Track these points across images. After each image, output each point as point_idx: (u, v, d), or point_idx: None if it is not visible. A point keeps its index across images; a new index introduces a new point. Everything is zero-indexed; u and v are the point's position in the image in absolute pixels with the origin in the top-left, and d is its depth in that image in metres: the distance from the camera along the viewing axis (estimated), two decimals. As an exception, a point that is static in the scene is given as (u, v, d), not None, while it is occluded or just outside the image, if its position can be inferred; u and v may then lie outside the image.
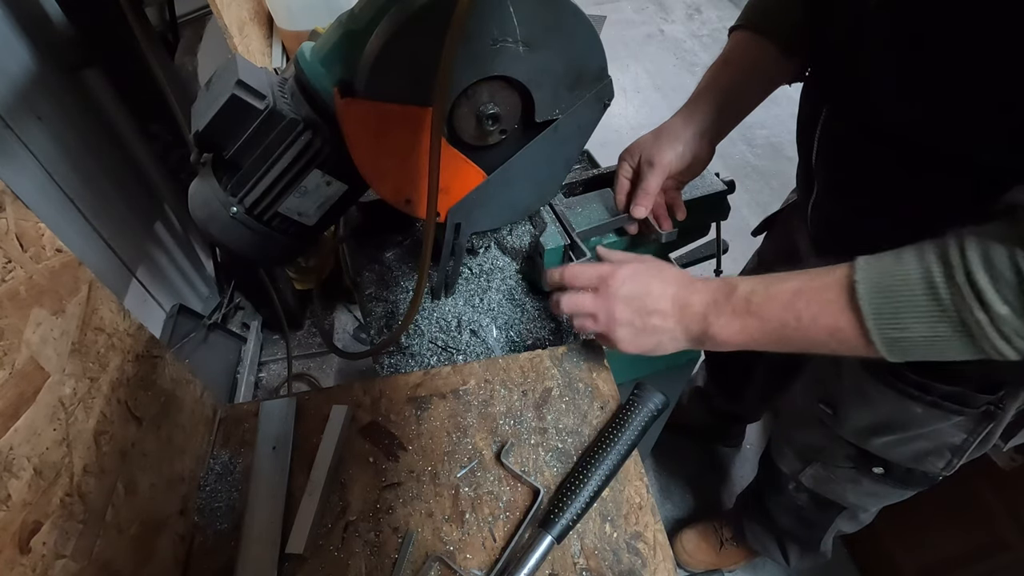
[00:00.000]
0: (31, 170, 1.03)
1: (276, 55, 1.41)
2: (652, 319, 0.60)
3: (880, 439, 0.78)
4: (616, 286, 0.62)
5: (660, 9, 3.50)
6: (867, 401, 0.75)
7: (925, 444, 0.75)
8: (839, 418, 0.81)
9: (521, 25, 0.58)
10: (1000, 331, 0.41)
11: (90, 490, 0.48)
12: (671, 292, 0.60)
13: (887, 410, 0.74)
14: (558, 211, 0.84)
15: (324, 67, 0.63)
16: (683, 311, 0.59)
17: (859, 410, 0.78)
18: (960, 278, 0.42)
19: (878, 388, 0.73)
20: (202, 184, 0.67)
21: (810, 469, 0.93)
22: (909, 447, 0.76)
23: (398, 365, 0.82)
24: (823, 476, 0.92)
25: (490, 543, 0.61)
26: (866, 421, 0.78)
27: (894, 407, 0.72)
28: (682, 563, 1.44)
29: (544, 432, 0.69)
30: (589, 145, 0.82)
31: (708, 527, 1.44)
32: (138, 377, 0.57)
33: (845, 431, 0.82)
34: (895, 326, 0.45)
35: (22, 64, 1.03)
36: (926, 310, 0.44)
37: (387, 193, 0.69)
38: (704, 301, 0.58)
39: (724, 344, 0.58)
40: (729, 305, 0.56)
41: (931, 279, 0.43)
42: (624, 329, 0.62)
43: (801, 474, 0.95)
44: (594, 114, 0.71)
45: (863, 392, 0.75)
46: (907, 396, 0.70)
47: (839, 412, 0.81)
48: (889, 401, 0.72)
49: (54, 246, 0.48)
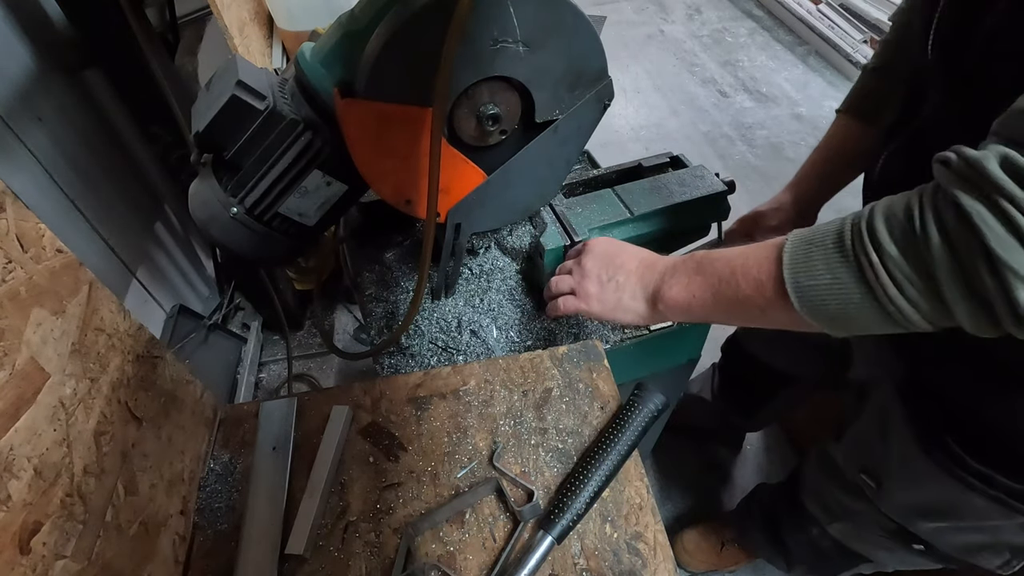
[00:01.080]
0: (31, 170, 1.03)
1: (276, 55, 1.41)
2: (618, 274, 0.66)
3: (929, 523, 0.71)
4: (592, 246, 0.71)
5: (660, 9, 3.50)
6: (916, 481, 0.69)
7: (981, 537, 0.68)
8: (883, 492, 0.75)
9: (521, 25, 0.58)
10: (890, 273, 0.42)
11: (90, 490, 0.48)
12: (641, 255, 0.67)
13: (939, 494, 0.67)
14: (558, 211, 0.84)
15: (324, 67, 0.63)
16: (646, 270, 0.65)
17: (907, 489, 0.71)
18: (863, 225, 0.44)
19: (930, 469, 0.66)
20: (202, 184, 0.67)
21: (839, 525, 0.88)
22: (962, 537, 0.70)
23: (398, 365, 0.82)
24: (854, 534, 0.87)
25: (490, 543, 0.61)
26: (914, 501, 0.71)
27: (948, 493, 0.66)
28: (682, 563, 1.44)
29: (544, 432, 0.69)
30: (589, 145, 0.82)
31: (709, 527, 1.44)
32: (138, 377, 0.57)
33: (888, 507, 0.75)
34: (805, 272, 0.47)
35: (22, 64, 1.03)
36: (832, 254, 0.45)
37: (387, 193, 0.69)
38: (667, 264, 0.63)
39: (671, 305, 0.60)
40: (684, 267, 0.60)
41: (841, 229, 0.46)
42: (592, 283, 0.68)
43: (829, 526, 0.90)
44: (594, 114, 0.71)
45: (913, 470, 0.68)
46: (966, 485, 0.63)
47: (884, 486, 0.74)
48: (943, 486, 0.66)
49: (54, 246, 0.48)
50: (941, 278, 0.39)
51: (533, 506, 0.61)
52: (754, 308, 0.52)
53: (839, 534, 0.90)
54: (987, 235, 0.36)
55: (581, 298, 0.69)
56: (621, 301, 0.66)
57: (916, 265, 0.40)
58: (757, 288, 0.51)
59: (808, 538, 0.99)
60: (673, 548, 1.23)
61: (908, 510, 0.74)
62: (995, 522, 0.65)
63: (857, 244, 0.44)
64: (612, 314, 0.67)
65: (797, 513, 0.99)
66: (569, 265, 0.73)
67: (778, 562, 1.19)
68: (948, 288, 0.39)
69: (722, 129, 2.65)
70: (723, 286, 0.55)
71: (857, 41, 2.89)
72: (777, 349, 1.12)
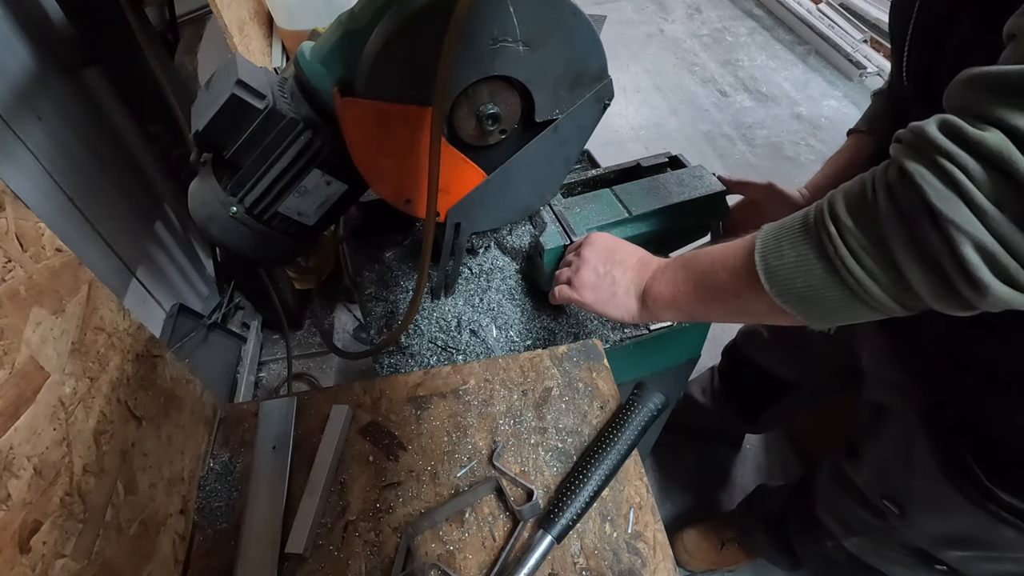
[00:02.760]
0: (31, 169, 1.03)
1: (276, 55, 1.41)
2: (615, 269, 0.67)
3: (956, 552, 0.70)
4: (593, 239, 0.72)
5: (660, 9, 3.50)
6: (943, 511, 0.67)
7: (1011, 567, 0.66)
8: (907, 519, 0.73)
9: (521, 25, 0.58)
10: (847, 243, 0.42)
11: (90, 490, 0.48)
12: (639, 254, 0.69)
13: (968, 525, 0.65)
14: (557, 211, 0.84)
15: (324, 67, 0.63)
16: (642, 267, 0.67)
17: (933, 518, 0.69)
18: (824, 204, 0.45)
19: (958, 500, 0.63)
20: (202, 184, 0.67)
21: (857, 539, 0.86)
22: (991, 566, 0.68)
23: (398, 365, 0.82)
24: (872, 551, 0.85)
25: (490, 543, 0.61)
26: (940, 531, 0.69)
27: (978, 524, 0.63)
28: (682, 563, 1.44)
29: (544, 432, 0.69)
30: (589, 145, 0.82)
31: (709, 527, 1.44)
32: (138, 377, 0.57)
33: (912, 534, 0.74)
34: (774, 253, 0.48)
35: (22, 64, 1.03)
36: (797, 234, 0.47)
37: (387, 193, 0.69)
38: (659, 262, 0.65)
39: (657, 300, 0.62)
40: (673, 264, 0.63)
41: (807, 211, 0.47)
42: (589, 273, 0.69)
43: (846, 540, 0.88)
44: (594, 114, 0.71)
45: (938, 501, 0.66)
46: (997, 518, 0.61)
47: (908, 513, 0.72)
48: (972, 517, 0.63)
49: (54, 246, 0.48)
50: (892, 244, 0.40)
51: (533, 505, 0.61)
52: (730, 295, 0.54)
53: (856, 548, 0.88)
54: (928, 192, 0.37)
55: (576, 288, 0.70)
56: (615, 296, 0.67)
57: (868, 233, 0.41)
58: (733, 274, 0.53)
59: (821, 550, 0.97)
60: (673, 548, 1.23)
61: (934, 539, 0.72)
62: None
63: (818, 220, 0.45)
64: (604, 307, 0.68)
65: (809, 524, 0.97)
66: (570, 257, 0.75)
67: (781, 563, 1.19)
68: (899, 252, 0.40)
69: (722, 129, 2.65)
70: (703, 277, 0.57)
71: (857, 41, 2.89)
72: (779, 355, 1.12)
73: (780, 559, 1.18)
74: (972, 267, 0.36)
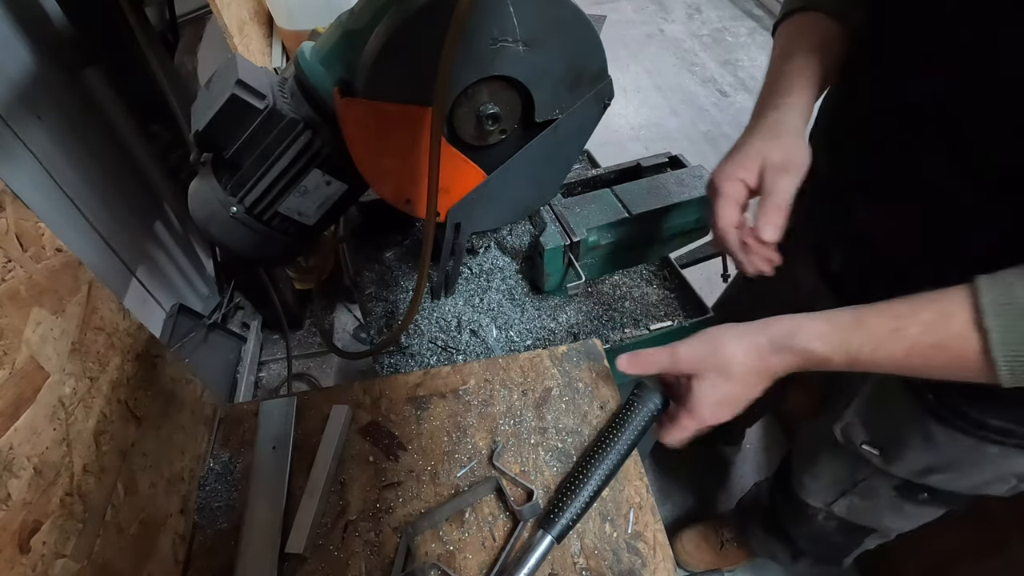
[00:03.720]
0: (31, 170, 1.03)
1: (276, 55, 1.41)
2: (740, 407, 0.57)
3: (939, 476, 0.73)
4: (703, 413, 0.56)
5: (660, 9, 3.50)
6: (932, 445, 0.69)
7: (990, 476, 0.70)
8: (889, 458, 0.76)
9: (521, 25, 0.58)
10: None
11: (90, 490, 0.48)
12: (752, 388, 0.55)
13: (955, 452, 0.68)
14: (557, 211, 0.84)
15: (324, 67, 0.63)
16: (764, 383, 0.55)
17: (920, 453, 0.72)
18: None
19: (949, 434, 0.67)
20: (202, 184, 0.67)
21: (844, 500, 0.88)
22: (971, 480, 0.71)
23: (398, 365, 0.82)
24: (859, 506, 0.87)
25: (490, 543, 0.61)
26: (926, 463, 0.72)
27: (965, 450, 0.67)
28: (682, 563, 1.44)
29: (544, 432, 0.69)
30: (589, 145, 0.82)
31: (708, 527, 1.44)
32: (138, 377, 0.57)
33: (896, 470, 0.76)
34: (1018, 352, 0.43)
35: (22, 64, 1.03)
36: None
37: (387, 193, 0.69)
38: (788, 368, 0.54)
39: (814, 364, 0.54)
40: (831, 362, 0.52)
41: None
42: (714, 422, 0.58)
43: (833, 505, 0.90)
44: (594, 114, 0.71)
45: (929, 436, 0.69)
46: (985, 440, 0.64)
47: (889, 453, 0.75)
48: (959, 445, 0.67)
49: (54, 246, 0.48)
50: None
51: (533, 505, 0.61)
52: (936, 372, 0.48)
53: (845, 510, 0.89)
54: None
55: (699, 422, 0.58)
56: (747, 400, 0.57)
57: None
58: (955, 363, 0.47)
59: (812, 526, 0.98)
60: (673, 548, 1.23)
61: (920, 471, 0.74)
62: (1007, 461, 0.66)
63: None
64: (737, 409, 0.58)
65: (797, 502, 0.98)
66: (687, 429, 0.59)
67: (782, 556, 1.19)
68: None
69: (722, 128, 2.65)
70: (902, 367, 0.49)
71: (857, 41, 2.88)
72: None
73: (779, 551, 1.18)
74: None
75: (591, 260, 0.87)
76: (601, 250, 0.85)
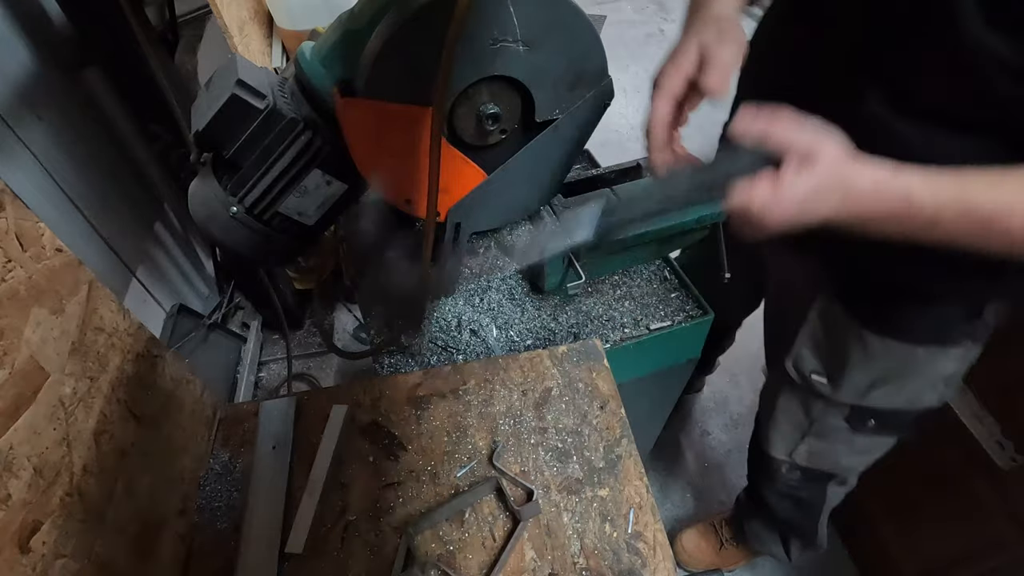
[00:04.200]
0: (31, 170, 1.03)
1: (276, 55, 1.41)
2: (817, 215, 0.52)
3: (880, 391, 0.81)
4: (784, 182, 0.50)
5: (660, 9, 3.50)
6: (870, 358, 0.77)
7: (921, 383, 0.79)
8: (836, 384, 0.84)
9: (521, 25, 0.58)
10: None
11: (90, 490, 0.48)
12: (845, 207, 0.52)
13: (890, 363, 0.77)
14: (558, 211, 0.84)
15: (324, 67, 0.63)
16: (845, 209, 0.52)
17: (861, 371, 0.80)
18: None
19: (883, 342, 0.75)
20: (202, 184, 0.67)
21: (803, 446, 0.96)
22: (907, 391, 0.80)
23: (398, 365, 0.82)
24: (817, 448, 0.95)
25: (490, 543, 0.61)
26: (868, 379, 0.80)
27: (899, 358, 0.76)
28: (682, 563, 1.44)
29: (544, 432, 0.69)
30: (589, 145, 0.82)
31: (708, 527, 1.44)
32: (138, 377, 0.57)
33: (843, 394, 0.84)
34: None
35: (22, 64, 1.03)
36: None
37: (387, 193, 0.69)
38: (878, 214, 0.51)
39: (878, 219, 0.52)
40: (909, 218, 0.51)
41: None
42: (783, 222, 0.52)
43: (794, 453, 0.98)
44: (594, 114, 0.71)
45: (866, 348, 0.77)
46: (916, 343, 0.73)
47: (835, 378, 0.84)
48: (893, 354, 0.75)
49: (54, 246, 0.48)
50: None
51: (533, 505, 0.61)
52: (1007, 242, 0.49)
53: (805, 457, 0.97)
54: None
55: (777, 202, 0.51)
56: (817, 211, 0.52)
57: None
58: None
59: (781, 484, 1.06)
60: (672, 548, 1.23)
61: (862, 388, 0.82)
62: (933, 362, 0.75)
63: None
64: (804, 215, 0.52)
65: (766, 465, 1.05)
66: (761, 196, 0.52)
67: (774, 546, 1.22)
68: None
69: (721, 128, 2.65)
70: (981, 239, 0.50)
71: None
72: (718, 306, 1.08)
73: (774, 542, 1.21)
74: None
75: (591, 260, 0.87)
76: (601, 250, 0.85)
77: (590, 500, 0.64)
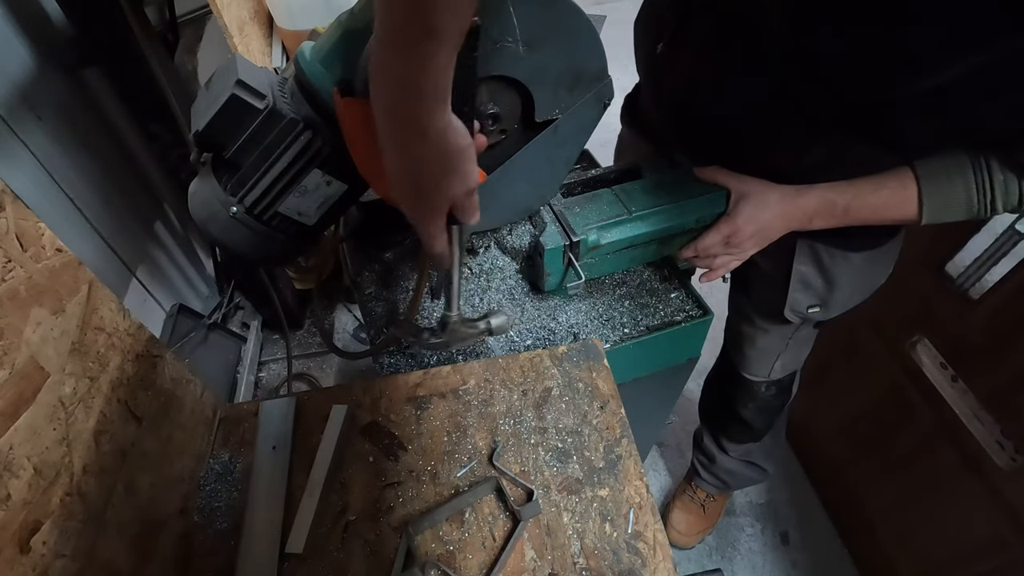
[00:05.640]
0: (31, 170, 1.03)
1: (276, 55, 1.41)
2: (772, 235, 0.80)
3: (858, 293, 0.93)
4: (742, 240, 0.80)
5: (660, 9, 3.50)
6: (850, 271, 0.88)
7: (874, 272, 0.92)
8: (827, 306, 0.93)
9: (521, 25, 0.58)
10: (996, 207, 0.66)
11: (90, 490, 0.48)
12: (784, 215, 0.77)
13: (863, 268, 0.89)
14: (558, 211, 0.84)
15: (324, 67, 0.63)
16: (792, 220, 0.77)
17: (845, 290, 0.89)
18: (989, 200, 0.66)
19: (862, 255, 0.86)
20: (202, 184, 0.67)
21: (778, 362, 1.08)
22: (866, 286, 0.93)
23: (398, 365, 0.82)
24: (788, 359, 1.07)
25: (490, 543, 0.61)
26: (847, 292, 0.90)
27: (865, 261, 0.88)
28: (680, 544, 1.45)
29: (544, 432, 0.69)
30: (589, 145, 0.82)
31: (684, 497, 1.49)
32: (138, 377, 0.57)
33: (832, 312, 0.93)
34: (939, 213, 0.69)
35: (22, 64, 1.03)
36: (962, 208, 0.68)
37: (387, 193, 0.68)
38: (812, 210, 0.74)
39: None
40: (830, 214, 0.74)
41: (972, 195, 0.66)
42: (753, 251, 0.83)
43: (771, 372, 1.11)
44: (594, 114, 0.71)
45: (851, 266, 0.87)
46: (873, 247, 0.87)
47: (827, 302, 0.92)
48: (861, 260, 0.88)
49: (54, 246, 0.48)
50: None
51: (533, 505, 0.61)
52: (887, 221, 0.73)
53: (779, 371, 1.10)
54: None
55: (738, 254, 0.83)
56: None
57: None
58: (898, 220, 0.72)
59: (758, 399, 1.16)
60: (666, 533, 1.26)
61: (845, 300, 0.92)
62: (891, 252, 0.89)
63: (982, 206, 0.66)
64: None
65: (746, 386, 1.15)
66: (727, 262, 0.85)
67: (752, 473, 1.33)
68: None
69: (722, 129, 2.64)
70: (864, 222, 0.73)
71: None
72: None
73: (747, 469, 1.31)
74: None
75: (591, 260, 0.87)
76: (601, 250, 0.85)
77: (590, 500, 0.64)
